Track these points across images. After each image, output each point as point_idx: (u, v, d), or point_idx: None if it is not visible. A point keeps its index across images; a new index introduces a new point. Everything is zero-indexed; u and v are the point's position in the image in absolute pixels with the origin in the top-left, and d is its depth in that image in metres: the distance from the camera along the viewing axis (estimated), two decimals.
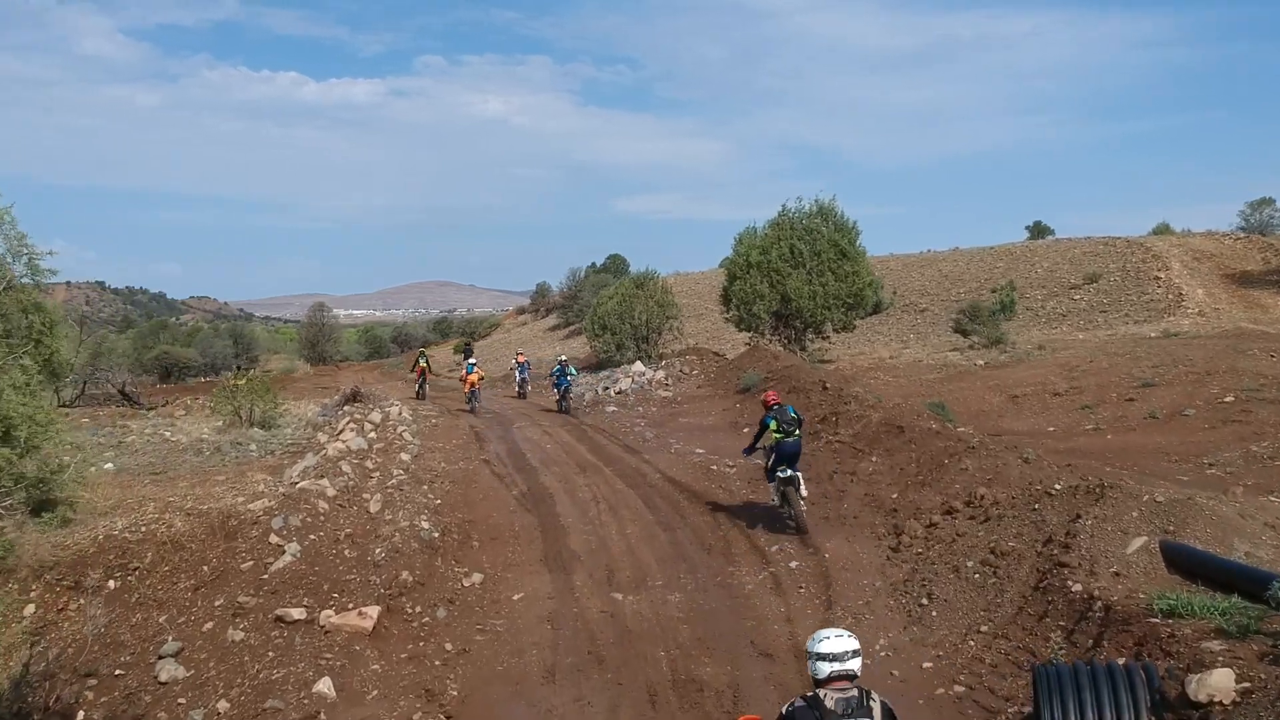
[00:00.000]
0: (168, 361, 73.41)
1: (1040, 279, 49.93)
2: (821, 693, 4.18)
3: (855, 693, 4.17)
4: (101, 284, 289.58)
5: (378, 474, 14.47)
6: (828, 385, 20.06)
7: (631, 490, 14.05)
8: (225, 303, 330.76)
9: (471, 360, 26.95)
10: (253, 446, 19.16)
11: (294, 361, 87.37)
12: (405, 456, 15.99)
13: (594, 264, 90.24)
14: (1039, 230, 71.29)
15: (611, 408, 22.89)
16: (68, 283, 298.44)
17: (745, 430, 19.55)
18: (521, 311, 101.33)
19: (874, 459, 14.21)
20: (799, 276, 27.69)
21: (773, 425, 11.81)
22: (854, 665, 4.24)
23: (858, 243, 28.64)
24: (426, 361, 29.58)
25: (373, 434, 17.87)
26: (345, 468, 13.94)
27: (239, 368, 64.10)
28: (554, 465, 16.18)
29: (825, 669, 4.23)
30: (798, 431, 11.94)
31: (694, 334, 44.73)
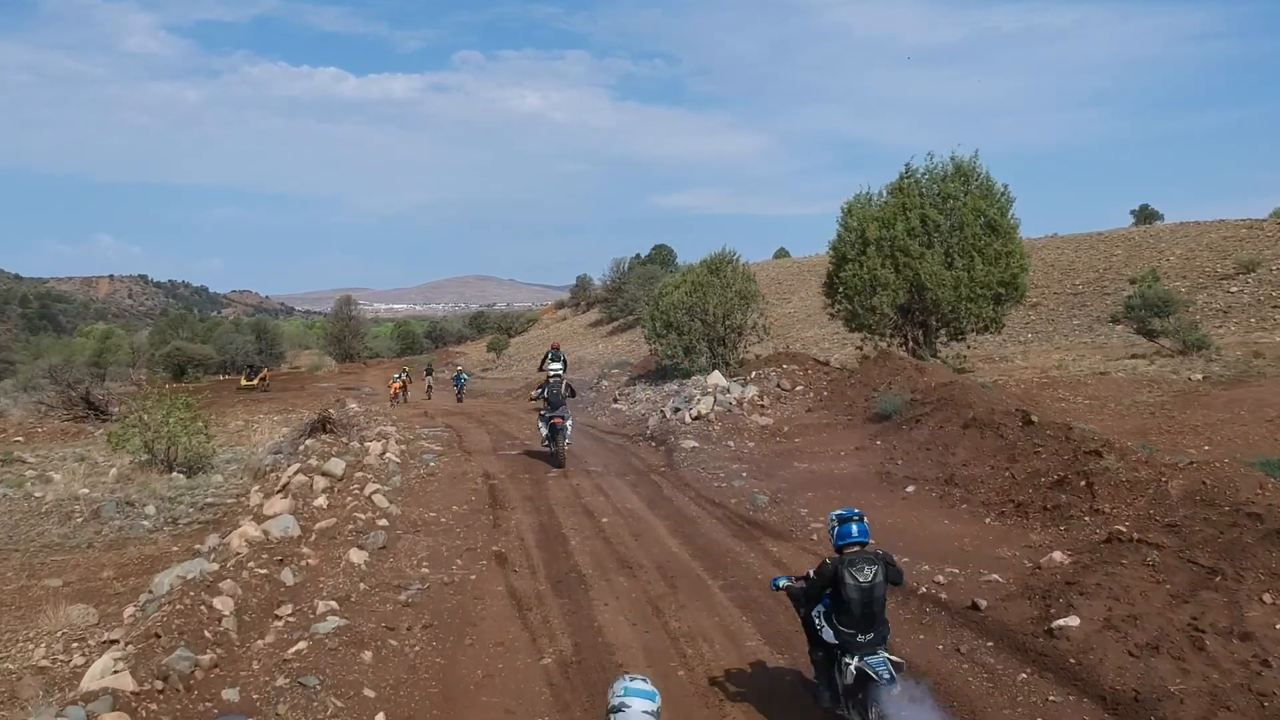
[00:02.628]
0: (180, 359, 68.07)
1: (1176, 268, 41.90)
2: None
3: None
4: (145, 278, 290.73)
5: (290, 607, 7.65)
6: (1033, 418, 12.91)
7: (779, 654, 7.05)
8: (266, 296, 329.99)
9: (397, 375, 37.77)
10: (150, 509, 12.56)
11: (323, 358, 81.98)
12: (357, 557, 9.15)
13: (638, 255, 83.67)
14: (1146, 215, 62.93)
15: (690, 441, 15.91)
16: (111, 276, 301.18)
17: (910, 490, 12.52)
18: (561, 306, 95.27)
19: (1266, 598, 7.09)
20: (934, 258, 20.48)
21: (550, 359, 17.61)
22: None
23: (1010, 214, 21.36)
24: (407, 377, 36.96)
25: (322, 500, 11.10)
26: (223, 604, 7.14)
27: (250, 367, 58.24)
28: (618, 569, 9.27)
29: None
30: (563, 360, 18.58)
31: None
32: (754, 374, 19.64)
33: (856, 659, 5.44)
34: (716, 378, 20.73)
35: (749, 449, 15.65)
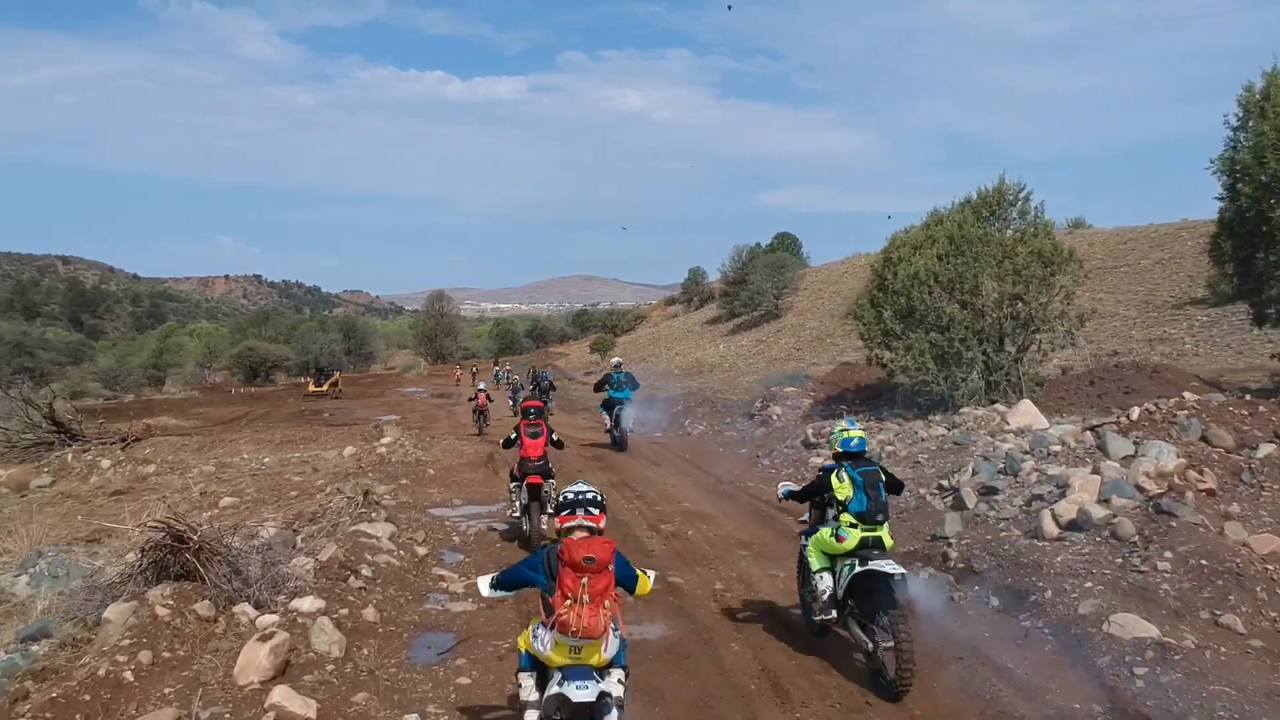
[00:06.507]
0: (253, 359, 61.63)
1: None
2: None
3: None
4: (259, 277, 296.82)
5: None
6: None
7: None
8: (377, 296, 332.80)
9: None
10: None
11: (416, 359, 75.00)
12: None
13: (758, 244, 73.67)
14: None
15: (1130, 623, 5.78)
16: (226, 276, 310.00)
17: None
18: (671, 302, 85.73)
19: None
20: None
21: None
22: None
23: None
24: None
25: None
26: None
27: (319, 370, 50.72)
28: None
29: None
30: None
31: None
32: (1137, 416, 9.32)
33: None
34: (1027, 411, 10.56)
35: None
